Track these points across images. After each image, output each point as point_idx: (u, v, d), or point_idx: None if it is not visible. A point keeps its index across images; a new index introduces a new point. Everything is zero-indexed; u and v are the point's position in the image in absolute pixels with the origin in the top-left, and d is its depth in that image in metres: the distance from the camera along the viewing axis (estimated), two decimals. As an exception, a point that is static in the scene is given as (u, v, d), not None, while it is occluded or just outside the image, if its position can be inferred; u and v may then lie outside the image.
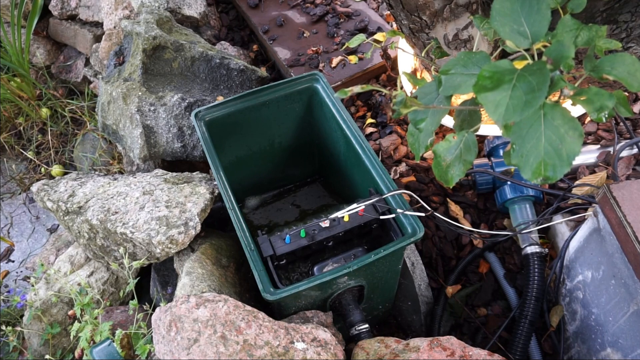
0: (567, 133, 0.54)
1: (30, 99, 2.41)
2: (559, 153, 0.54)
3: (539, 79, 0.53)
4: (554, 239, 1.33)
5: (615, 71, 0.59)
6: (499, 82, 0.55)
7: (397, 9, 1.26)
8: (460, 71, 0.65)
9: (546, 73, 0.54)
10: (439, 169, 0.71)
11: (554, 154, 0.54)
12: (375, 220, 1.14)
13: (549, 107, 0.55)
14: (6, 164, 2.39)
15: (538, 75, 0.54)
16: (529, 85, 0.53)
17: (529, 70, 0.55)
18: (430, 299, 1.34)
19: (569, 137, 0.54)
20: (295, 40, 2.00)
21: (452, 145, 0.69)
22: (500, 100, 0.54)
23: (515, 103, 0.53)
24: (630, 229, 0.88)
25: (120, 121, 1.68)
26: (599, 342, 1.07)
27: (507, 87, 0.54)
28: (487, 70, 0.57)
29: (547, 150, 0.54)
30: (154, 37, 1.70)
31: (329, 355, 0.97)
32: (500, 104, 0.53)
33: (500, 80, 0.55)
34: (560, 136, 0.54)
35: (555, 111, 0.55)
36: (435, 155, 0.71)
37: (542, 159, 0.55)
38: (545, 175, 0.55)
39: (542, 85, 0.53)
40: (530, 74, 0.54)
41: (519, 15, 0.62)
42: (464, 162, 0.69)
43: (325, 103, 1.34)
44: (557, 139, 0.54)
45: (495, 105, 0.54)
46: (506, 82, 0.55)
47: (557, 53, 0.57)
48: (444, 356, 0.95)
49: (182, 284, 1.22)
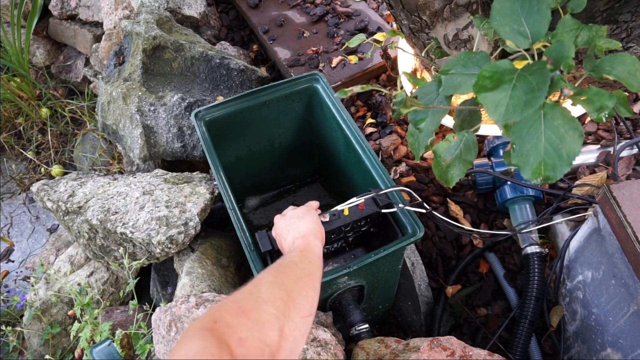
0: (567, 133, 0.54)
1: (30, 99, 2.41)
2: (559, 153, 0.54)
3: (539, 79, 0.53)
4: (554, 239, 1.33)
5: (616, 71, 0.59)
6: (499, 82, 0.55)
7: (397, 9, 1.26)
8: (460, 71, 0.65)
9: (546, 73, 0.54)
10: (439, 168, 0.71)
11: (554, 154, 0.54)
12: (376, 215, 1.12)
13: (549, 107, 0.55)
14: (6, 164, 2.39)
15: (538, 75, 0.54)
16: (529, 85, 0.53)
17: (529, 70, 0.55)
18: (430, 299, 1.34)
19: (569, 137, 0.54)
20: (295, 40, 2.00)
21: (452, 145, 0.69)
22: (500, 100, 0.54)
23: (515, 103, 0.53)
24: (630, 229, 0.88)
25: (120, 121, 1.68)
26: (599, 342, 1.07)
27: (507, 87, 0.54)
28: (487, 70, 0.57)
29: (547, 150, 0.54)
30: (154, 37, 1.70)
31: (329, 355, 0.97)
32: (500, 104, 0.53)
33: (500, 80, 0.55)
34: (560, 136, 0.54)
35: (556, 111, 0.55)
36: (435, 155, 0.71)
37: (542, 159, 0.55)
38: (546, 175, 0.55)
39: (542, 85, 0.53)
40: (530, 74, 0.54)
41: (519, 15, 0.62)
42: (464, 162, 0.69)
43: (325, 103, 1.34)
44: (557, 138, 0.54)
45: (495, 105, 0.54)
46: (506, 82, 0.55)
47: (558, 53, 0.57)
48: (444, 356, 0.95)
49: (182, 284, 1.22)
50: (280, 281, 0.66)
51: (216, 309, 0.58)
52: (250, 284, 0.63)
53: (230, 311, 0.57)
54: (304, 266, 0.75)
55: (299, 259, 0.77)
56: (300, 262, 0.76)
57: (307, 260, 0.77)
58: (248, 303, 0.59)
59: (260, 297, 0.61)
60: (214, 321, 0.54)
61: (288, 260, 0.76)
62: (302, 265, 0.75)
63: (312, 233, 0.90)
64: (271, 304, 0.60)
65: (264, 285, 0.64)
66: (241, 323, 0.55)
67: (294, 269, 0.73)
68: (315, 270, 0.76)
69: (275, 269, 0.70)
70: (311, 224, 0.93)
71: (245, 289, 0.62)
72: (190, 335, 0.52)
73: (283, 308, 0.60)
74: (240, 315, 0.56)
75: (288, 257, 0.78)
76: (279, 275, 0.68)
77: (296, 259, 0.77)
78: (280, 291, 0.63)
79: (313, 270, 0.76)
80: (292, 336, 0.59)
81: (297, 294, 0.65)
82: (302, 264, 0.75)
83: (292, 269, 0.73)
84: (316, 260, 0.80)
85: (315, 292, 0.71)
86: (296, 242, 0.86)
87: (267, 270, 0.69)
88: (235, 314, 0.56)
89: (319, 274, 0.77)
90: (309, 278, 0.72)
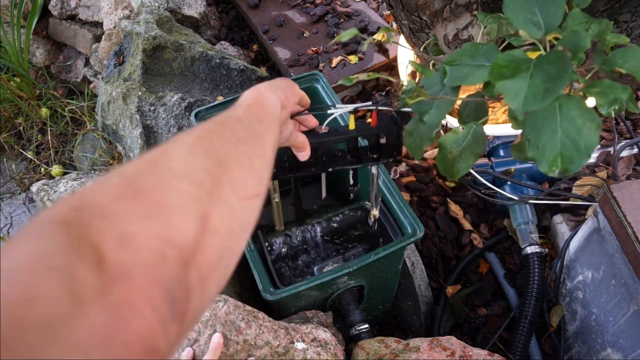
0: (584, 124, 0.52)
1: (30, 99, 2.41)
2: (577, 145, 0.52)
3: (559, 67, 0.51)
4: (554, 239, 1.33)
5: (628, 64, 0.58)
6: (516, 70, 0.54)
7: (397, 9, 1.26)
8: (467, 62, 0.63)
9: (567, 61, 0.52)
10: (444, 162, 0.68)
11: (571, 146, 0.53)
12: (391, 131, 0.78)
13: (564, 98, 0.54)
14: (6, 164, 2.39)
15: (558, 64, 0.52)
16: (548, 74, 0.52)
17: (546, 59, 0.54)
18: (430, 299, 1.34)
19: (587, 129, 0.52)
20: (295, 40, 2.00)
21: (460, 137, 0.67)
22: (519, 87, 0.52)
23: (535, 91, 0.51)
24: (631, 229, 0.88)
25: (120, 121, 1.68)
26: (599, 342, 1.07)
27: (525, 75, 0.53)
28: (502, 59, 0.55)
29: (564, 142, 0.53)
30: (154, 37, 1.70)
31: (329, 355, 0.96)
32: (520, 92, 0.52)
33: (517, 68, 0.54)
34: (577, 127, 0.53)
35: (572, 102, 0.54)
36: (440, 148, 0.68)
37: (559, 151, 0.53)
38: (564, 167, 0.53)
39: (563, 72, 0.51)
40: (547, 63, 0.53)
41: (533, 5, 0.61)
42: (472, 155, 0.66)
43: (325, 103, 1.34)
44: (575, 130, 0.53)
45: (514, 93, 0.52)
46: (523, 70, 0.53)
47: (573, 43, 0.55)
48: (444, 356, 0.95)
49: (182, 284, 1.22)
50: (208, 144, 0.41)
51: (86, 189, 0.33)
52: (157, 149, 0.39)
53: (111, 191, 0.32)
54: (250, 125, 0.50)
55: (244, 114, 0.51)
56: (245, 118, 0.50)
57: (257, 118, 0.51)
58: (146, 178, 0.35)
59: (169, 167, 0.36)
60: (76, 208, 0.30)
61: (226, 115, 0.49)
62: (247, 124, 0.49)
63: (267, 86, 0.60)
64: (187, 179, 0.36)
65: (180, 150, 0.39)
66: (128, 210, 0.31)
67: (233, 127, 0.47)
68: (266, 133, 0.51)
69: (204, 128, 0.44)
70: (274, 82, 0.63)
71: (146, 156, 0.38)
72: (27, 233, 0.28)
73: (210, 185, 0.37)
74: (129, 197, 0.32)
75: (226, 113, 0.51)
76: (208, 136, 0.43)
77: (240, 113, 0.51)
78: (207, 159, 0.39)
79: (263, 132, 0.51)
80: (225, 227, 0.37)
81: (235, 163, 0.42)
82: (248, 122, 0.50)
83: (230, 127, 0.47)
84: (269, 120, 0.54)
85: (266, 164, 0.48)
86: (244, 96, 0.56)
87: (189, 131, 0.43)
88: (118, 195, 0.32)
89: (272, 139, 0.52)
90: (256, 142, 0.47)
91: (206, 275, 0.34)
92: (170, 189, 0.35)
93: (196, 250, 0.33)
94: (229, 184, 0.40)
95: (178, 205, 0.34)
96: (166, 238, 0.32)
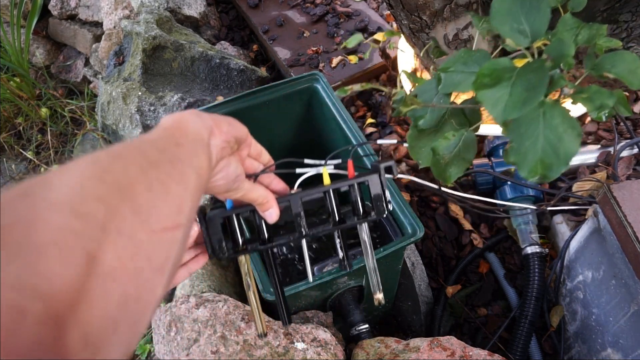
0: (565, 132, 0.54)
1: (30, 99, 2.41)
2: (557, 152, 0.54)
3: (538, 77, 0.53)
4: (554, 239, 1.33)
5: (616, 69, 0.59)
6: (498, 80, 0.55)
7: (397, 9, 1.26)
8: (460, 69, 0.65)
9: (545, 70, 0.54)
10: (437, 167, 0.70)
11: (551, 153, 0.54)
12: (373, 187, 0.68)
13: (549, 105, 0.55)
14: (6, 164, 2.39)
15: (538, 73, 0.54)
16: (529, 83, 0.53)
17: (529, 68, 0.55)
18: (430, 299, 1.34)
19: (567, 137, 0.54)
20: (295, 40, 2.00)
21: (451, 143, 0.69)
22: (500, 97, 0.54)
23: (515, 100, 0.53)
24: (631, 229, 0.88)
25: (120, 121, 1.68)
26: (599, 342, 1.07)
27: (507, 84, 0.54)
28: (486, 68, 0.57)
29: (545, 149, 0.54)
30: (153, 37, 1.70)
31: (329, 355, 0.96)
32: (500, 101, 0.53)
33: (500, 77, 0.55)
34: (558, 135, 0.54)
35: (555, 110, 0.55)
36: (434, 153, 0.70)
37: (539, 158, 0.54)
38: (543, 173, 0.54)
39: (541, 82, 0.53)
40: (529, 72, 0.55)
41: (518, 13, 0.62)
42: (463, 161, 0.68)
43: (325, 103, 1.34)
44: (556, 138, 0.54)
45: (494, 102, 0.54)
46: (506, 79, 0.55)
47: (558, 51, 0.57)
48: (444, 356, 0.95)
49: (181, 284, 1.22)
50: (105, 166, 0.34)
51: None
52: (36, 178, 0.31)
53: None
54: (166, 147, 0.42)
55: (159, 136, 0.44)
56: (159, 140, 0.43)
57: (175, 141, 0.43)
58: (11, 212, 0.27)
59: (45, 198, 0.29)
60: None
61: (135, 139, 0.42)
62: (161, 146, 0.41)
63: (192, 111, 0.50)
64: (69, 211, 0.28)
65: (65, 176, 0.31)
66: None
67: (142, 149, 0.39)
68: (187, 157, 0.43)
69: (104, 151, 0.36)
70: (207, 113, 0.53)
71: (20, 185, 0.30)
72: None
73: (103, 215, 0.30)
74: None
75: (137, 137, 0.45)
76: (107, 159, 0.35)
77: (154, 136, 0.44)
78: (101, 184, 0.32)
79: (183, 155, 0.42)
80: (127, 269, 0.30)
81: (143, 190, 0.34)
82: (163, 143, 0.42)
83: (138, 149, 0.38)
84: (191, 143, 0.45)
85: (188, 192, 0.40)
86: (161, 120, 0.48)
87: (84, 156, 0.35)
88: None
89: (196, 164, 0.44)
90: (174, 166, 0.40)
91: (98, 335, 0.26)
92: (42, 223, 0.27)
93: (78, 301, 0.26)
94: (132, 213, 0.32)
95: (52, 244, 0.26)
96: (26, 287, 0.24)
